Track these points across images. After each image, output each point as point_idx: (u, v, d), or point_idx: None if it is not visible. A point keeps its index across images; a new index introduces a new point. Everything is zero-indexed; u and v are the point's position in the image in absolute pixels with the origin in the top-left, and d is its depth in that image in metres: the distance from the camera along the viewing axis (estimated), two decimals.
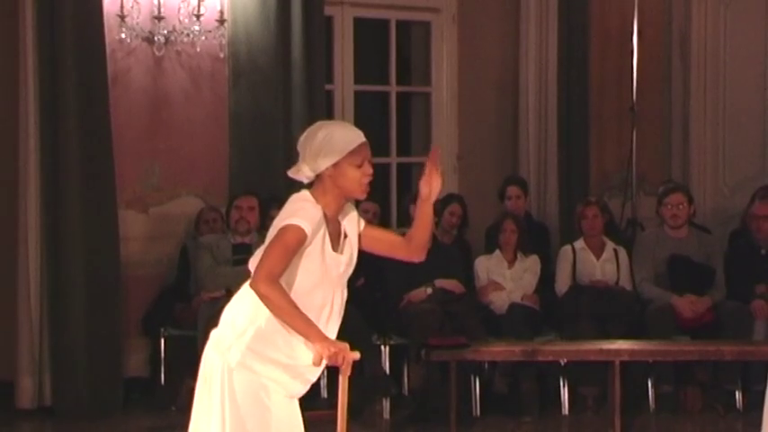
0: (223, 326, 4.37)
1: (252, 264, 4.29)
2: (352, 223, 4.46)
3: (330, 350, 4.14)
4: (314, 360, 4.16)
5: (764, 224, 8.72)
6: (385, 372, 8.29)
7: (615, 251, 8.87)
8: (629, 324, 8.49)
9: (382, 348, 8.32)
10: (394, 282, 8.36)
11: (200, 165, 8.99)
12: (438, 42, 10.06)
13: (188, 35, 8.75)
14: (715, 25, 10.58)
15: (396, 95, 9.98)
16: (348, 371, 4.20)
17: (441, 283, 8.48)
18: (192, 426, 4.40)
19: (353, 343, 4.33)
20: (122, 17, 8.54)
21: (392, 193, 9.91)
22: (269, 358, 4.28)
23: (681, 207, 8.77)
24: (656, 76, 10.61)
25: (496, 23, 10.21)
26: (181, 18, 8.74)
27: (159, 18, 8.67)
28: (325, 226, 4.31)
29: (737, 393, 8.29)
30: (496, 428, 8.07)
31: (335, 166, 4.31)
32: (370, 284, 8.38)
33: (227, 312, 4.39)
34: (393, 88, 9.96)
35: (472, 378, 8.23)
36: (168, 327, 8.51)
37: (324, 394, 7.83)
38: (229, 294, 4.53)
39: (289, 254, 4.21)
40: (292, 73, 8.97)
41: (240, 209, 8.43)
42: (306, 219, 4.24)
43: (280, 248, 4.20)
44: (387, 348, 8.34)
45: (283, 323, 4.22)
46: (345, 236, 4.41)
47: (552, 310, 8.71)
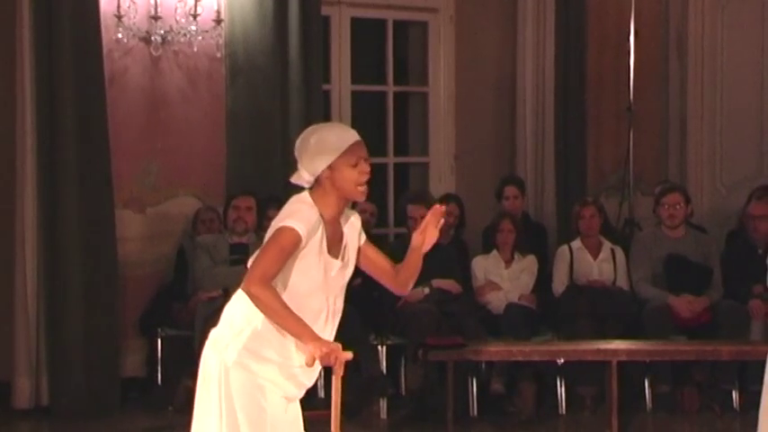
0: (222, 325, 4.36)
1: (251, 264, 4.28)
2: (354, 233, 4.43)
3: (322, 350, 4.11)
4: (306, 360, 4.14)
5: (761, 224, 8.72)
6: (382, 372, 8.29)
7: (612, 251, 8.87)
8: (626, 324, 8.49)
9: (379, 348, 8.32)
10: None
11: (197, 165, 8.98)
12: (435, 42, 10.06)
13: (185, 35, 8.75)
14: (712, 25, 10.58)
15: (393, 95, 9.97)
16: (341, 371, 4.19)
17: (438, 283, 8.47)
18: (194, 425, 4.40)
19: (350, 343, 4.33)
20: (119, 17, 8.54)
21: (389, 194, 9.91)
22: (265, 358, 4.27)
23: (678, 207, 8.78)
24: (653, 77, 10.61)
25: (494, 24, 10.21)
26: (178, 18, 8.73)
27: (156, 18, 8.67)
28: (322, 229, 4.27)
29: (734, 393, 8.30)
30: (494, 428, 8.08)
31: (331, 168, 4.27)
32: (367, 284, 8.31)
33: (226, 311, 4.38)
34: (390, 88, 9.96)
35: (469, 378, 8.23)
36: (165, 327, 8.51)
37: (321, 394, 7.82)
38: (227, 294, 4.53)
39: (283, 256, 4.19)
40: (289, 73, 8.97)
41: (238, 209, 8.43)
42: (301, 221, 4.21)
43: (274, 250, 4.19)
44: (384, 348, 8.33)
45: (276, 324, 4.21)
46: (345, 243, 4.38)
47: (549, 310, 8.71)
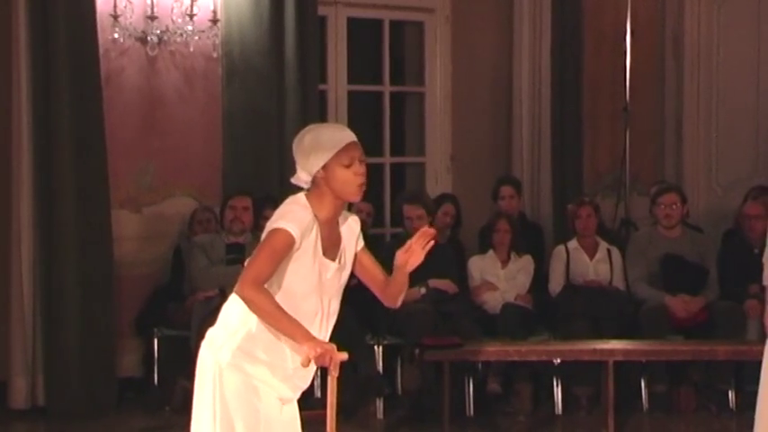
0: (218, 325, 4.35)
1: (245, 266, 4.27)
2: (351, 236, 4.40)
3: (317, 351, 4.08)
4: (302, 361, 4.12)
5: (757, 224, 8.72)
6: (379, 372, 8.29)
7: (608, 251, 8.87)
8: (622, 324, 8.49)
9: (376, 348, 8.31)
10: None
11: (193, 165, 8.98)
12: (431, 42, 10.06)
13: (181, 35, 8.74)
14: (708, 25, 10.59)
15: (389, 95, 9.97)
16: (336, 371, 4.16)
17: (434, 283, 8.47)
18: (192, 425, 4.38)
19: (347, 343, 4.33)
20: (115, 17, 8.53)
21: (386, 194, 9.91)
22: (259, 360, 4.25)
23: (674, 207, 8.78)
24: (650, 77, 10.62)
25: (490, 24, 10.21)
26: (174, 18, 8.73)
27: (152, 18, 8.66)
28: (317, 230, 4.23)
29: (731, 393, 8.30)
30: (490, 428, 8.07)
31: (326, 169, 4.23)
32: (363, 285, 8.35)
33: (222, 312, 4.36)
34: (386, 88, 9.95)
35: (466, 378, 8.23)
36: (162, 327, 8.50)
37: (317, 394, 7.82)
38: (223, 294, 4.52)
39: (276, 258, 4.15)
40: (286, 73, 8.96)
41: (234, 209, 8.43)
42: (293, 222, 4.17)
43: (266, 253, 4.15)
44: (380, 348, 8.33)
45: (271, 326, 4.20)
46: (342, 245, 4.35)
47: (546, 310, 8.71)
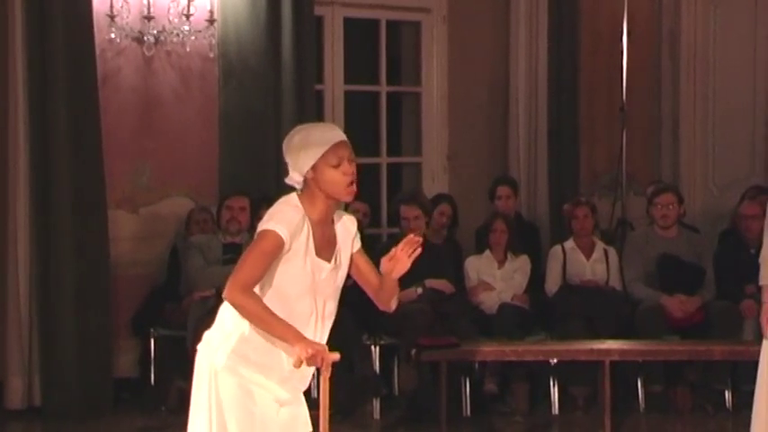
0: (214, 327, 4.33)
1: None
2: (347, 237, 4.35)
3: (308, 351, 4.06)
4: (294, 362, 4.11)
5: (753, 224, 8.71)
6: (375, 372, 8.29)
7: (605, 251, 8.88)
8: (618, 324, 8.49)
9: (372, 348, 8.32)
10: None
11: (190, 165, 8.97)
12: (428, 42, 10.06)
13: (178, 35, 8.74)
14: (704, 26, 10.59)
15: (386, 95, 9.97)
16: (328, 372, 4.15)
17: (431, 283, 8.47)
18: (189, 427, 4.37)
19: (344, 343, 4.32)
20: (112, 17, 8.53)
21: (382, 194, 9.90)
22: (253, 362, 4.23)
23: (671, 207, 8.78)
24: (646, 77, 10.62)
25: (487, 24, 10.21)
26: (170, 18, 8.73)
27: (149, 18, 8.66)
28: (308, 230, 4.19)
29: (727, 393, 8.30)
30: (487, 428, 8.08)
31: (315, 169, 4.18)
32: (359, 285, 8.35)
33: (219, 313, 4.34)
34: (383, 88, 9.95)
35: (462, 378, 8.23)
36: (158, 327, 8.49)
37: (314, 394, 7.81)
38: (219, 294, 4.51)
39: (265, 260, 4.12)
40: (282, 73, 8.96)
41: (231, 209, 8.42)
42: (282, 222, 4.13)
43: (255, 255, 4.12)
44: (377, 348, 8.33)
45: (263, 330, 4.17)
46: (338, 245, 4.31)
47: (542, 310, 8.71)
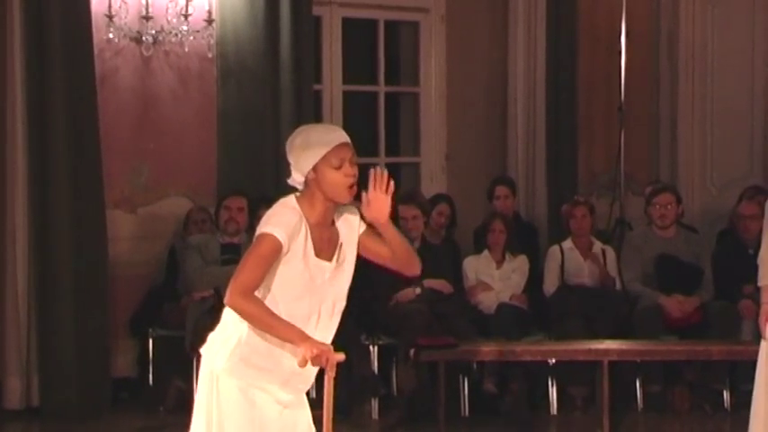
0: (217, 329, 4.31)
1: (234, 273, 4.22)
2: (351, 230, 4.32)
3: (313, 351, 4.05)
4: (298, 362, 4.09)
5: (752, 224, 8.71)
6: (374, 372, 8.29)
7: (603, 251, 8.88)
8: (617, 324, 8.49)
9: (371, 348, 8.31)
10: (382, 282, 8.33)
11: (188, 165, 8.97)
12: (426, 42, 10.05)
13: (176, 35, 8.74)
14: (703, 25, 10.59)
15: (384, 95, 9.96)
16: (332, 372, 4.14)
17: (429, 284, 8.47)
18: (192, 428, 4.35)
19: (342, 343, 4.31)
20: (110, 17, 8.53)
21: None
22: (254, 365, 4.22)
23: (669, 207, 8.79)
24: (644, 77, 10.62)
25: (485, 24, 10.21)
26: (169, 18, 8.72)
27: (147, 18, 8.66)
28: (306, 231, 4.17)
29: (725, 393, 8.31)
30: (485, 428, 8.08)
31: (316, 170, 4.16)
32: (358, 284, 8.33)
33: (223, 315, 4.31)
34: (381, 88, 9.95)
35: (461, 378, 8.23)
36: (156, 327, 8.48)
37: (312, 394, 7.81)
38: (218, 294, 4.50)
39: (264, 264, 4.10)
40: (281, 73, 8.96)
41: (229, 209, 8.42)
42: (279, 225, 4.11)
43: (254, 259, 4.10)
44: (375, 348, 8.33)
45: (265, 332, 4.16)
46: (341, 242, 4.28)
47: (541, 310, 8.71)
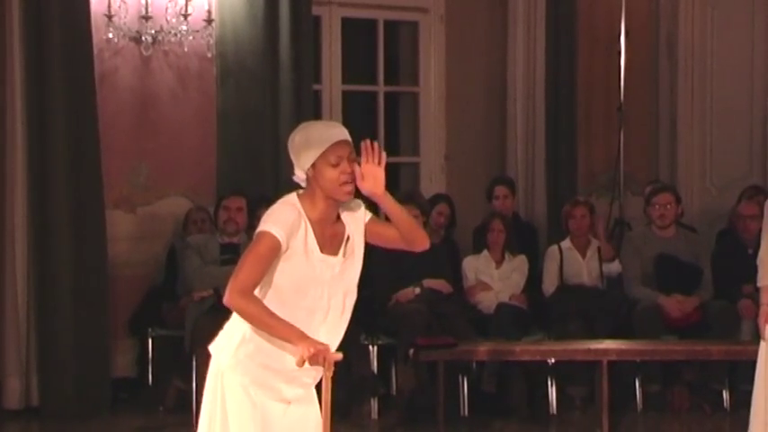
0: (226, 326, 4.31)
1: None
2: (357, 222, 4.31)
3: (310, 351, 4.04)
4: (296, 362, 4.09)
5: (751, 224, 8.71)
6: (373, 372, 8.29)
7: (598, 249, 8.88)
8: (616, 324, 8.50)
9: (370, 348, 8.31)
10: (382, 281, 8.35)
11: (187, 165, 8.97)
12: (426, 42, 10.05)
13: (175, 35, 8.74)
14: (702, 26, 10.59)
15: (383, 95, 9.97)
16: (330, 371, 4.14)
17: (429, 283, 8.47)
18: (199, 426, 4.36)
19: (341, 343, 4.31)
20: (110, 17, 8.53)
21: None
22: (258, 363, 4.23)
23: (669, 207, 8.79)
24: (644, 77, 10.62)
25: (484, 24, 10.21)
26: (168, 18, 8.73)
27: (147, 18, 8.66)
28: (307, 227, 4.16)
29: (725, 393, 8.31)
30: (484, 428, 8.07)
31: (315, 167, 4.17)
32: (358, 284, 8.34)
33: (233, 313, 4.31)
34: (381, 88, 9.95)
35: (460, 378, 8.23)
36: (156, 327, 8.49)
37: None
38: (217, 294, 4.50)
39: (262, 263, 4.10)
40: (280, 73, 8.96)
41: (228, 209, 8.42)
42: (277, 223, 4.11)
43: (252, 258, 4.10)
44: (375, 348, 8.33)
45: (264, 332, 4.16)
46: (347, 236, 4.27)
47: (540, 310, 8.72)
